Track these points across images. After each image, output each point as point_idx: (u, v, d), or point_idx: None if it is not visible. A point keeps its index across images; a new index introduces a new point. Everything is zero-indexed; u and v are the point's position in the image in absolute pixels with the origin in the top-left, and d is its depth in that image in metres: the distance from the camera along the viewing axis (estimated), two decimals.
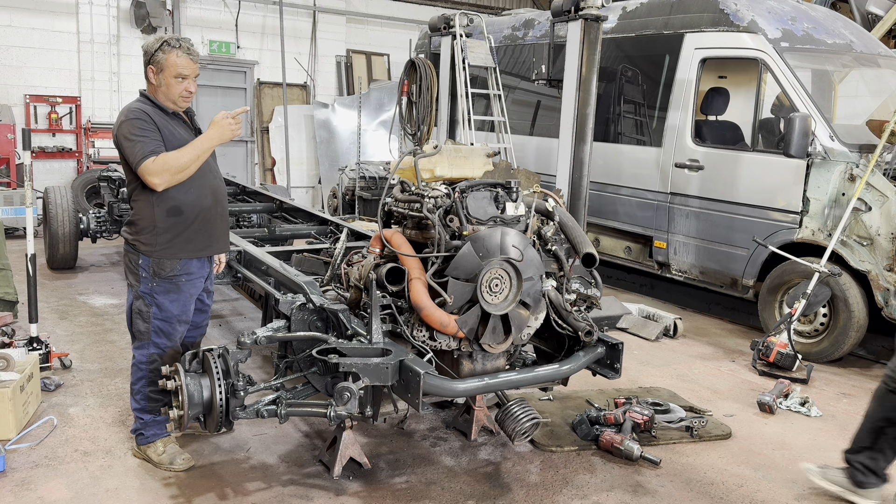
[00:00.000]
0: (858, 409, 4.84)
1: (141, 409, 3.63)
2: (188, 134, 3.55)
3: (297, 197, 11.11)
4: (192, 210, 3.48)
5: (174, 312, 3.55)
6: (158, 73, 3.43)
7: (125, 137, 3.35)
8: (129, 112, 3.40)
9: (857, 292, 5.53)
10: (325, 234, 5.78)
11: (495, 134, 8.46)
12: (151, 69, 3.44)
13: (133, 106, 3.44)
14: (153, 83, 3.46)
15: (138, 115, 3.37)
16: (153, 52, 3.41)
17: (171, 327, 3.57)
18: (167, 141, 3.40)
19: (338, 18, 12.99)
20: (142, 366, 3.57)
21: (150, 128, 3.35)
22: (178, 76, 3.42)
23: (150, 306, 3.51)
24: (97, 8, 10.59)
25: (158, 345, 3.56)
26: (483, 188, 3.35)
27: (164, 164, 3.30)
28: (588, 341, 3.45)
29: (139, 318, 3.55)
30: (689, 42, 6.76)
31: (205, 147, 3.42)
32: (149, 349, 3.55)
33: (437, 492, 3.54)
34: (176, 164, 3.32)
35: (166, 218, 3.43)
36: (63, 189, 7.72)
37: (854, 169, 5.53)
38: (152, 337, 3.54)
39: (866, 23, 9.44)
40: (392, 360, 3.05)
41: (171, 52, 3.40)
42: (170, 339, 3.58)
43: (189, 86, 3.48)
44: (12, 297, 5.51)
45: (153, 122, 3.37)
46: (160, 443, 3.66)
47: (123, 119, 3.39)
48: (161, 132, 3.38)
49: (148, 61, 3.45)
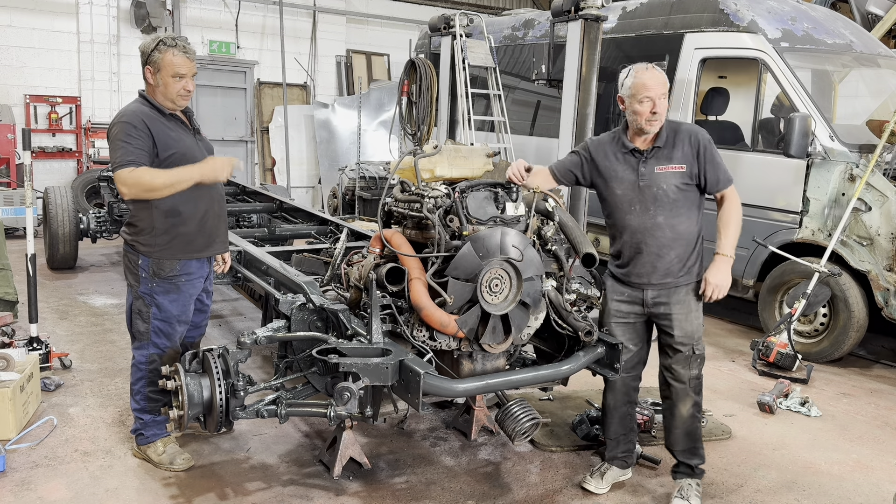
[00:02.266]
0: (858, 409, 4.85)
1: (141, 410, 3.63)
2: (186, 135, 3.54)
3: (297, 197, 11.10)
4: (190, 212, 3.48)
5: (174, 313, 3.55)
6: (156, 73, 3.41)
7: (113, 140, 3.35)
8: (123, 115, 3.39)
9: (857, 292, 5.53)
10: (325, 234, 5.78)
11: (495, 134, 8.46)
12: (149, 69, 3.43)
13: (130, 109, 3.43)
14: (151, 83, 3.45)
15: (130, 120, 3.34)
16: (150, 51, 3.40)
17: (171, 328, 3.57)
18: (164, 143, 3.38)
19: (338, 18, 13.00)
20: (141, 366, 3.57)
21: (139, 135, 3.32)
22: (175, 75, 3.41)
23: (149, 306, 3.51)
24: (97, 8, 10.60)
25: (158, 345, 3.55)
26: (483, 188, 3.35)
27: (137, 179, 3.26)
28: (588, 341, 3.44)
29: (139, 319, 3.55)
30: (689, 42, 6.76)
31: (186, 177, 3.34)
32: (148, 349, 3.55)
33: (437, 492, 3.54)
34: (148, 184, 3.28)
35: (165, 219, 3.42)
36: (63, 189, 7.72)
37: (854, 169, 5.53)
38: (152, 337, 3.54)
39: (866, 23, 9.44)
40: (392, 360, 3.05)
41: (167, 52, 3.38)
42: (169, 340, 3.58)
43: (187, 84, 3.47)
44: (12, 297, 5.51)
45: (146, 127, 3.34)
46: (160, 443, 3.66)
47: (117, 121, 3.38)
48: (155, 136, 3.36)
49: (145, 61, 3.43)
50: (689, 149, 3.33)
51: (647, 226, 3.35)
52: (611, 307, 3.52)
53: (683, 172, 3.32)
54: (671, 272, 3.38)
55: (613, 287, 3.52)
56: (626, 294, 3.47)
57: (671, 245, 3.35)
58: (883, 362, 5.93)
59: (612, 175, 3.42)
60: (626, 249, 3.44)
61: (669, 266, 3.37)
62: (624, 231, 3.42)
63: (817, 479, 3.86)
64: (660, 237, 3.34)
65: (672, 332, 3.42)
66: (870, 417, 4.73)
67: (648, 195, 3.33)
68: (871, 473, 3.95)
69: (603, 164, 3.45)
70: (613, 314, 3.51)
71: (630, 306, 3.47)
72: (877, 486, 3.81)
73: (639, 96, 3.27)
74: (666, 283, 3.39)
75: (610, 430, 3.66)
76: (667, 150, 3.34)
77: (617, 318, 3.50)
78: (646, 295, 3.42)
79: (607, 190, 3.46)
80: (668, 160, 3.32)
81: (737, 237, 3.38)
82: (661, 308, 3.42)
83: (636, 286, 3.44)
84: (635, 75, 3.31)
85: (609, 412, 3.65)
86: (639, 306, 3.46)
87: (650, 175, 3.33)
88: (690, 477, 3.53)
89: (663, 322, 3.45)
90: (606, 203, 3.50)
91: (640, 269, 3.40)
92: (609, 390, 3.63)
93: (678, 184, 3.32)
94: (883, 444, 4.33)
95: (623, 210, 3.40)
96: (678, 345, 3.44)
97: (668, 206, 3.32)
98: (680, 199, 3.32)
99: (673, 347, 3.46)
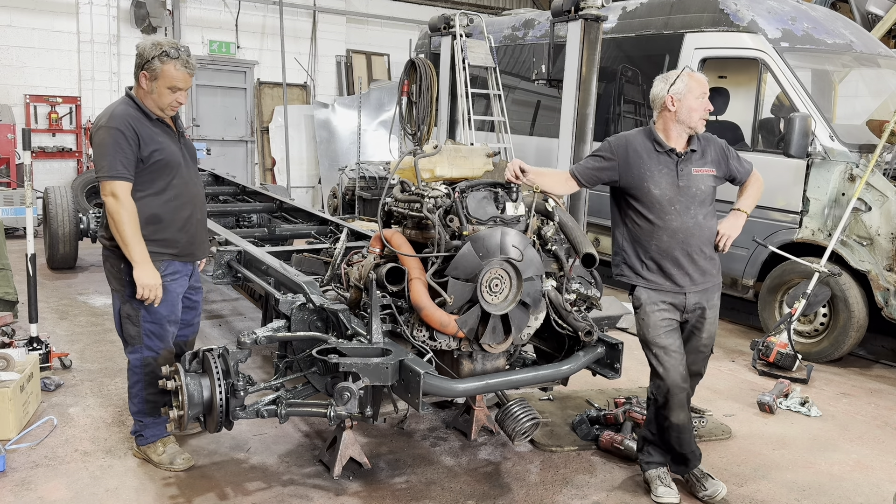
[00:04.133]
0: (858, 409, 4.85)
1: (139, 412, 3.63)
2: (171, 140, 3.49)
3: (297, 197, 11.09)
4: (171, 218, 3.46)
5: (163, 313, 3.51)
6: (152, 81, 3.35)
7: (100, 145, 3.30)
8: (111, 118, 3.32)
9: (857, 292, 5.53)
10: (325, 234, 5.77)
11: (495, 134, 8.46)
12: (145, 75, 3.36)
13: (117, 111, 3.36)
14: (143, 88, 3.39)
15: (118, 126, 3.28)
16: (150, 58, 3.33)
17: (162, 329, 3.53)
18: (150, 148, 3.34)
19: (338, 18, 12.99)
20: (136, 369, 3.55)
21: (127, 144, 3.28)
22: (171, 87, 3.37)
23: (137, 310, 3.47)
24: (97, 8, 10.59)
25: (151, 347, 3.53)
26: (483, 188, 3.35)
27: (118, 211, 3.25)
28: (588, 341, 3.44)
29: (129, 323, 3.51)
30: (689, 42, 6.76)
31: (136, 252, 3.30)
32: (142, 353, 3.53)
33: (437, 492, 3.54)
34: (118, 221, 3.26)
35: (146, 226, 3.38)
36: (63, 189, 7.72)
37: (854, 169, 5.53)
38: (144, 340, 3.51)
39: (866, 23, 9.43)
40: (392, 360, 3.05)
41: (169, 63, 3.33)
42: (162, 341, 3.55)
43: (179, 97, 3.42)
44: (12, 297, 5.51)
45: (134, 133, 3.30)
46: (160, 443, 3.66)
47: (104, 124, 3.32)
48: (142, 141, 3.32)
49: (142, 65, 3.36)
50: (716, 153, 3.49)
51: (688, 225, 3.37)
52: (654, 319, 3.43)
53: (715, 175, 3.47)
54: (709, 272, 3.45)
55: (651, 298, 3.44)
56: (667, 302, 3.43)
57: (708, 244, 3.44)
58: (883, 362, 5.93)
59: (647, 175, 3.38)
60: (665, 253, 3.38)
61: (707, 266, 3.44)
62: (664, 232, 3.37)
63: (817, 479, 3.86)
64: (699, 236, 3.39)
65: (701, 333, 3.49)
66: (870, 417, 4.73)
67: (688, 195, 3.37)
68: (871, 473, 3.95)
69: (636, 163, 3.40)
70: (660, 325, 3.43)
71: (672, 312, 3.45)
72: (877, 486, 3.81)
73: (697, 92, 3.34)
74: (706, 284, 3.45)
75: (691, 444, 3.56)
76: (699, 153, 3.44)
77: (664, 327, 3.44)
78: (688, 300, 3.42)
79: (641, 190, 3.39)
80: (703, 163, 3.44)
81: (755, 200, 3.62)
82: (697, 311, 3.46)
83: (677, 292, 3.42)
84: (689, 75, 3.39)
85: (684, 428, 3.51)
86: (679, 312, 3.46)
87: (688, 175, 3.39)
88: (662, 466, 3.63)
89: (696, 324, 3.48)
90: (640, 203, 3.40)
91: (683, 272, 3.39)
92: (680, 407, 3.47)
93: (711, 185, 3.45)
94: (883, 444, 4.33)
95: (662, 210, 3.37)
96: (703, 346, 3.51)
97: (705, 205, 3.42)
98: (708, 200, 3.44)
99: (697, 349, 3.51)
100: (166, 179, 3.45)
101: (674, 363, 3.42)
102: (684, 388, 3.44)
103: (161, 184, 3.43)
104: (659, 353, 3.44)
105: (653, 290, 3.44)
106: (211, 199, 7.82)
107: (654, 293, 3.44)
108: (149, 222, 3.39)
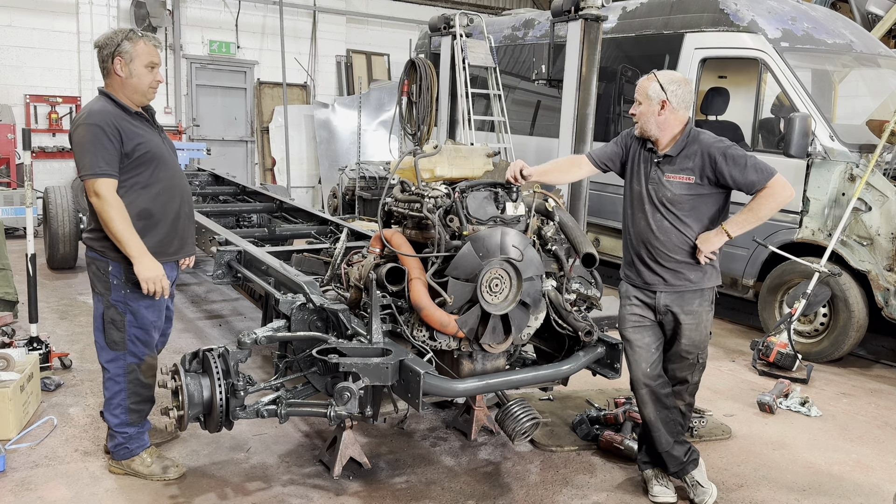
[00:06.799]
0: (858, 409, 4.85)
1: (121, 424, 3.47)
2: (153, 134, 3.41)
3: (297, 197, 11.09)
4: (161, 213, 3.39)
5: (150, 319, 3.44)
6: (129, 63, 3.27)
7: (81, 143, 3.21)
8: (90, 115, 3.24)
9: (857, 292, 5.53)
10: (325, 234, 5.77)
11: (495, 134, 8.46)
12: (119, 60, 3.26)
13: (96, 109, 3.26)
14: (120, 75, 3.29)
15: (99, 122, 3.20)
16: (118, 42, 3.25)
17: (148, 335, 3.45)
18: (135, 143, 3.27)
19: (338, 18, 12.99)
20: (119, 378, 3.42)
21: (109, 141, 3.20)
22: (149, 64, 3.31)
23: (123, 314, 3.37)
24: (97, 8, 10.59)
25: (136, 353, 3.43)
26: (483, 188, 3.35)
27: (105, 209, 3.18)
28: (588, 341, 3.44)
29: (113, 328, 3.39)
30: (689, 42, 6.76)
31: (133, 249, 3.22)
32: (125, 359, 3.42)
33: (437, 492, 3.54)
34: (110, 225, 3.19)
35: (136, 222, 3.28)
36: (63, 189, 7.72)
37: (854, 169, 5.53)
38: (129, 346, 3.40)
39: (866, 23, 9.44)
40: (392, 360, 3.05)
41: (139, 41, 3.28)
42: (147, 347, 3.47)
43: (157, 75, 3.37)
44: (12, 297, 5.50)
45: (116, 130, 3.22)
46: (145, 454, 3.53)
47: (84, 122, 3.22)
48: (125, 137, 3.24)
49: (112, 53, 3.25)
50: (701, 161, 3.26)
51: (651, 228, 3.35)
52: (624, 312, 3.50)
53: (692, 184, 3.28)
54: (684, 276, 3.36)
55: (626, 291, 3.52)
56: (639, 298, 3.46)
57: (678, 251, 3.33)
58: (883, 362, 5.93)
59: (634, 170, 3.46)
60: (634, 249, 3.44)
61: (681, 269, 3.35)
62: (632, 228, 3.45)
63: (817, 479, 3.86)
64: (664, 242, 3.33)
65: (680, 339, 3.43)
66: (870, 417, 4.73)
67: (654, 199, 3.34)
68: (871, 473, 3.95)
69: (632, 157, 3.49)
70: (628, 319, 3.49)
71: (643, 309, 3.46)
72: (877, 486, 3.81)
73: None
74: (679, 287, 3.37)
75: (663, 445, 3.50)
76: (681, 158, 3.30)
77: (632, 322, 3.48)
78: (658, 300, 3.40)
79: (627, 185, 3.50)
80: (678, 169, 3.30)
81: (755, 219, 3.25)
82: (669, 315, 3.41)
83: (648, 289, 3.42)
84: (689, 86, 3.37)
85: (652, 426, 3.50)
86: (651, 311, 3.44)
87: (658, 179, 3.34)
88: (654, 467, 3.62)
89: (674, 329, 3.44)
90: (625, 197, 3.52)
91: (650, 271, 3.40)
92: (643, 404, 3.48)
93: (686, 193, 3.29)
94: (883, 444, 4.33)
95: (633, 207, 3.43)
96: (684, 352, 3.45)
97: (675, 212, 3.31)
98: (681, 207, 3.31)
99: (679, 355, 3.47)
100: (153, 172, 3.35)
101: (637, 359, 3.47)
102: (647, 384, 3.45)
103: (148, 177, 3.34)
104: (626, 347, 3.52)
105: (629, 284, 3.52)
106: (211, 199, 7.83)
107: (630, 287, 3.52)
108: (140, 217, 3.30)
